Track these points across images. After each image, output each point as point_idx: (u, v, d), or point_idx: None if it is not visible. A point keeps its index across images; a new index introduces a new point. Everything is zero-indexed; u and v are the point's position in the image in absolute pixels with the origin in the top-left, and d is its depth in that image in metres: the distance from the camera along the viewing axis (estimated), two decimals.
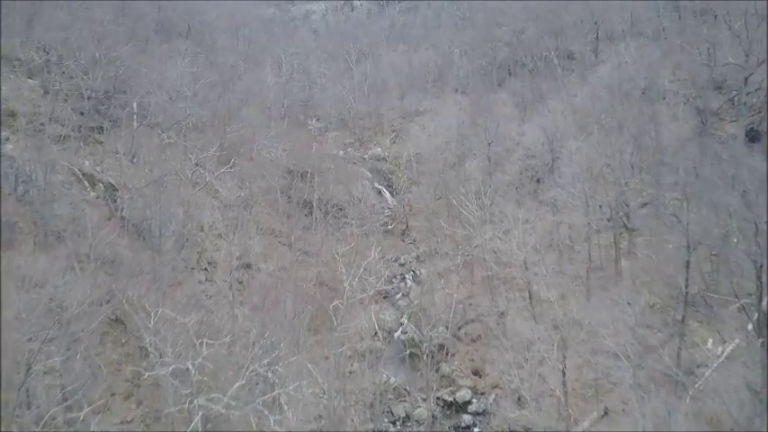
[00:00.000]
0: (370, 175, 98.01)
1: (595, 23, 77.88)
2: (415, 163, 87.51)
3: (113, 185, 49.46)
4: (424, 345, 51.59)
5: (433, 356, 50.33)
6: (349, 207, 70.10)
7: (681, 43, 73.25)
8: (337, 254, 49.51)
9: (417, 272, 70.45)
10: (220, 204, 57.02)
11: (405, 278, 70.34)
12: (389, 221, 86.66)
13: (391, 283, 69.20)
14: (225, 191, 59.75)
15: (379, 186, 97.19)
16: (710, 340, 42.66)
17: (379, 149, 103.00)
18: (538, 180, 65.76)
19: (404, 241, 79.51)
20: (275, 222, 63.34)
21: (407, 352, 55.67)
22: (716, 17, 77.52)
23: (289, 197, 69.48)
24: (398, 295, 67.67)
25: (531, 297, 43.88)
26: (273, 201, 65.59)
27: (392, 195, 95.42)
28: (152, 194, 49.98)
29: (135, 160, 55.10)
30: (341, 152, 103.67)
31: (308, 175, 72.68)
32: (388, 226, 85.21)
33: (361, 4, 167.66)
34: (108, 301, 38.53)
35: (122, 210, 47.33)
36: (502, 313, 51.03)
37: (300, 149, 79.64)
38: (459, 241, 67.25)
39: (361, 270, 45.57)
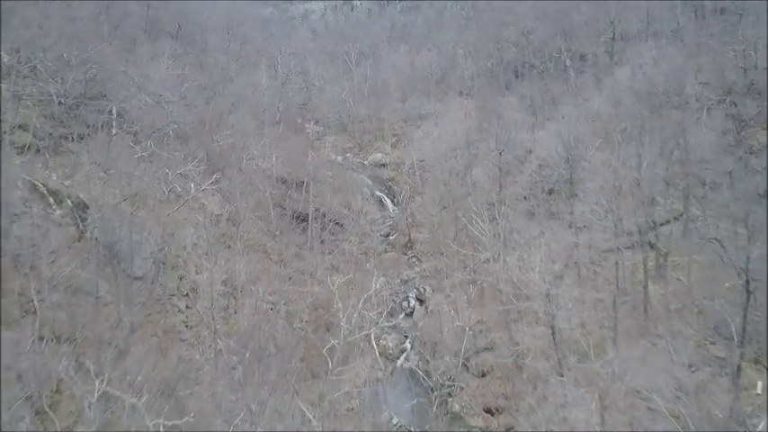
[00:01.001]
0: (370, 182, 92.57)
1: (611, 23, 72.20)
2: (418, 170, 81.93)
3: (84, 202, 43.83)
4: (432, 378, 46.36)
5: (440, 389, 45.01)
6: (348, 221, 64.49)
7: (710, 44, 67.75)
8: (333, 285, 43.77)
9: (421, 290, 64.89)
10: (206, 220, 51.34)
11: (408, 297, 64.75)
12: (391, 232, 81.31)
13: (393, 301, 63.72)
14: (212, 205, 54.10)
15: (380, 194, 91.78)
16: (760, 383, 37.19)
17: (380, 155, 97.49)
18: (550, 191, 60.14)
19: (406, 255, 73.93)
20: (267, 239, 57.78)
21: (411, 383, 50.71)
22: (741, 16, 72.17)
23: (282, 209, 63.89)
24: (401, 316, 62.16)
25: (554, 334, 38.21)
26: (265, 214, 59.98)
27: (393, 203, 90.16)
28: (128, 212, 44.44)
29: (111, 172, 49.44)
30: (339, 158, 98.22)
31: (304, 185, 67.13)
32: (389, 237, 79.91)
33: (360, 4, 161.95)
34: None
35: (92, 230, 41.72)
36: (517, 343, 45.42)
37: (296, 157, 74.20)
38: (467, 258, 61.99)
39: (361, 303, 39.92)
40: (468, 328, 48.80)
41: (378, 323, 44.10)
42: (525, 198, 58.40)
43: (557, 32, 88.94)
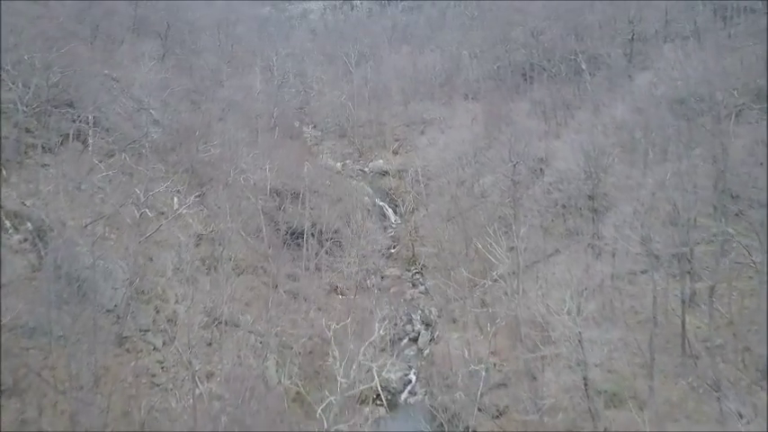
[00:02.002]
0: (371, 190, 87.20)
1: (630, 23, 66.64)
2: (422, 180, 76.39)
3: (48, 224, 38.34)
4: (440, 418, 40.92)
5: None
6: (347, 237, 58.97)
7: (733, 46, 62.35)
8: (328, 327, 38.29)
9: (426, 312, 59.40)
10: (190, 241, 45.90)
11: (411, 320, 59.24)
12: (393, 244, 75.88)
13: (395, 325, 58.19)
14: (196, 223, 48.59)
15: (381, 203, 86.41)
16: None
17: (381, 161, 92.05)
18: (569, 207, 54.66)
19: (409, 271, 68.46)
20: (258, 259, 52.24)
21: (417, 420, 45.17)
22: None
23: (276, 224, 58.36)
24: (404, 341, 56.62)
25: (586, 384, 32.72)
26: (257, 231, 54.47)
27: (395, 213, 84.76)
28: (99, 234, 38.98)
29: (84, 188, 43.93)
30: (338, 164, 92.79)
31: (300, 197, 61.63)
32: (391, 250, 74.49)
33: (361, 3, 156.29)
34: None
35: (56, 257, 36.16)
36: (542, 396, 39.78)
37: (292, 165, 68.67)
38: (477, 275, 56.60)
39: (360, 354, 34.40)
40: (481, 365, 43.40)
41: (382, 371, 38.37)
42: (540, 214, 52.78)
43: (568, 33, 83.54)
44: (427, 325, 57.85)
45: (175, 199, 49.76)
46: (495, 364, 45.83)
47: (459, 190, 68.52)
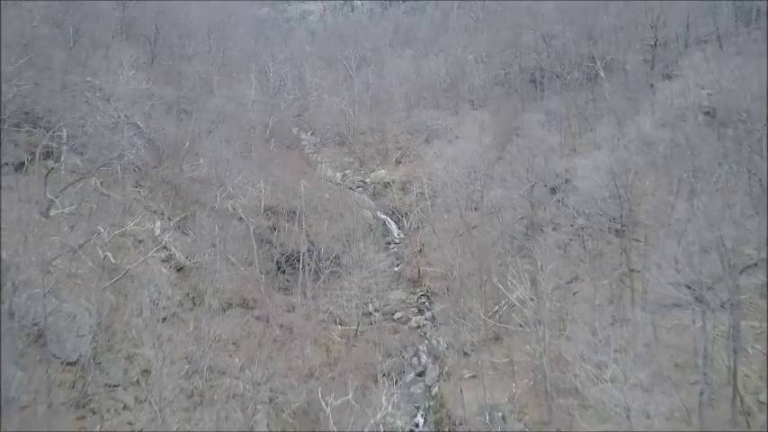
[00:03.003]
0: (372, 203, 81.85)
1: (652, 27, 61.17)
2: (427, 190, 70.86)
3: (5, 261, 32.97)
4: None
5: None
6: (347, 265, 53.58)
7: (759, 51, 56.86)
8: (325, 402, 32.97)
9: (434, 342, 54.11)
10: (172, 272, 40.64)
11: (418, 351, 53.93)
12: (396, 261, 70.58)
13: (401, 356, 52.93)
14: (181, 251, 43.24)
15: (384, 216, 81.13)
16: None
17: (383, 172, 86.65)
18: (590, 233, 49.26)
19: (415, 293, 63.20)
20: (249, 289, 46.92)
21: None
22: None
23: (270, 246, 53.08)
24: (410, 375, 51.34)
25: None
26: (248, 256, 49.17)
27: (398, 227, 79.53)
28: (64, 272, 33.73)
29: (53, 215, 38.64)
30: (338, 174, 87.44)
31: (297, 216, 56.30)
32: (394, 268, 69.11)
33: (362, 4, 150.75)
34: None
35: (9, 303, 30.85)
36: None
37: (288, 180, 63.33)
38: (490, 301, 51.45)
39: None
40: (498, 412, 38.25)
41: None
42: (564, 248, 47.41)
43: (581, 37, 78.14)
44: (435, 357, 52.56)
45: (158, 224, 44.46)
46: (512, 412, 40.63)
47: (467, 204, 63.33)
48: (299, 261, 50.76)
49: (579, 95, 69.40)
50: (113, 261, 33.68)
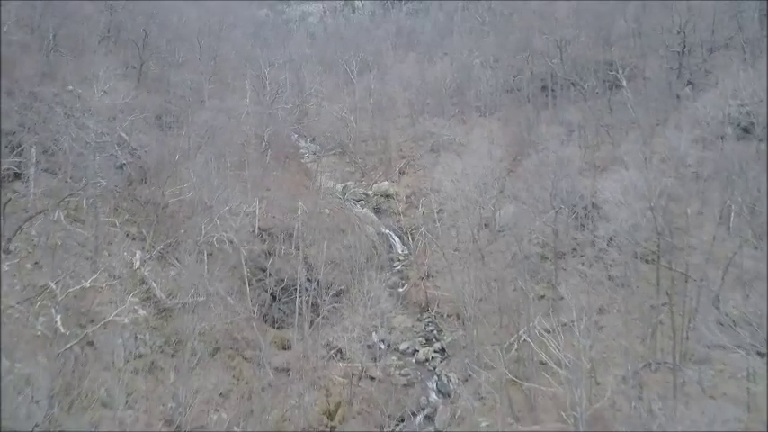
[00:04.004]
0: (375, 218, 76.65)
1: (679, 32, 55.88)
2: (435, 207, 65.60)
3: None
4: None
5: None
6: (348, 291, 48.49)
7: None
8: None
9: (444, 378, 48.95)
10: (151, 313, 35.52)
11: (426, 388, 48.73)
12: (401, 282, 65.45)
13: (407, 394, 47.76)
14: (163, 287, 38.06)
15: (387, 231, 75.99)
16: None
17: (386, 183, 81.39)
18: (614, 263, 44.13)
19: (422, 319, 57.99)
20: (239, 327, 41.68)
21: None
22: None
23: (263, 273, 47.89)
24: (418, 418, 46.12)
25: None
26: (239, 285, 44.05)
27: (402, 241, 74.42)
28: (21, 322, 28.59)
29: (12, 248, 33.51)
30: (339, 186, 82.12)
31: (293, 239, 51.16)
32: (399, 289, 63.99)
33: (362, 6, 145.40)
34: None
35: None
36: None
37: (285, 196, 58.22)
38: (505, 330, 46.49)
39: None
40: None
41: None
42: (587, 276, 42.26)
43: (597, 42, 73.08)
44: (446, 395, 47.42)
45: (137, 254, 39.36)
46: None
47: (477, 221, 58.12)
48: (296, 290, 45.57)
49: (596, 105, 64.25)
50: (63, 330, 28.41)
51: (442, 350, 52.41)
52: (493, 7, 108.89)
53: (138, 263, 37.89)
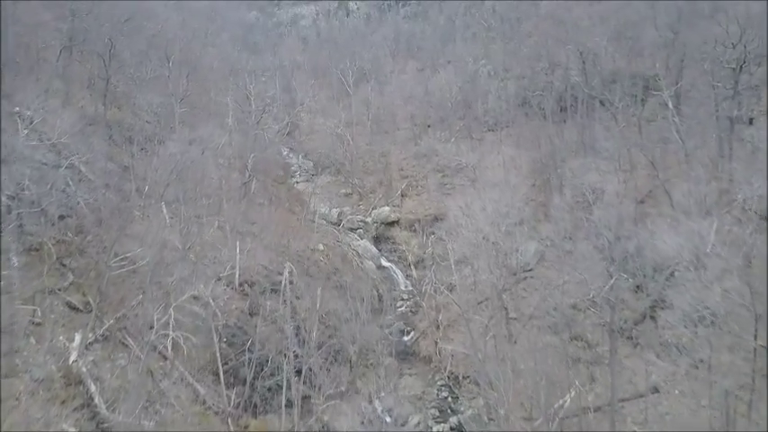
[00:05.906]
0: (375, 250, 67.31)
1: (734, 45, 46.63)
2: (446, 237, 56.15)
3: None
4: None
5: None
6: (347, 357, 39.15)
7: None
8: None
9: None
10: (89, 428, 26.02)
11: None
12: (405, 327, 56.19)
13: None
14: (104, 391, 28.51)
15: (388, 264, 66.82)
16: None
17: (387, 209, 72.00)
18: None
19: (433, 383, 48.39)
20: (211, 423, 32.20)
21: None
22: None
23: (246, 336, 38.41)
24: None
25: None
26: (212, 367, 34.61)
27: (406, 275, 65.24)
28: None
29: None
30: (334, 211, 72.57)
31: (281, 293, 41.67)
32: (404, 337, 54.85)
33: (357, 8, 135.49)
34: None
35: None
36: None
37: (271, 235, 48.86)
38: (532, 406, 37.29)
39: None
40: None
41: None
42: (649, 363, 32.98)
43: (623, 53, 63.86)
44: None
45: (77, 338, 29.91)
46: None
47: (498, 266, 48.83)
48: (281, 369, 36.08)
49: (630, 127, 55.10)
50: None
51: (460, 427, 43.04)
52: (498, 10, 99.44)
53: (74, 354, 28.37)
